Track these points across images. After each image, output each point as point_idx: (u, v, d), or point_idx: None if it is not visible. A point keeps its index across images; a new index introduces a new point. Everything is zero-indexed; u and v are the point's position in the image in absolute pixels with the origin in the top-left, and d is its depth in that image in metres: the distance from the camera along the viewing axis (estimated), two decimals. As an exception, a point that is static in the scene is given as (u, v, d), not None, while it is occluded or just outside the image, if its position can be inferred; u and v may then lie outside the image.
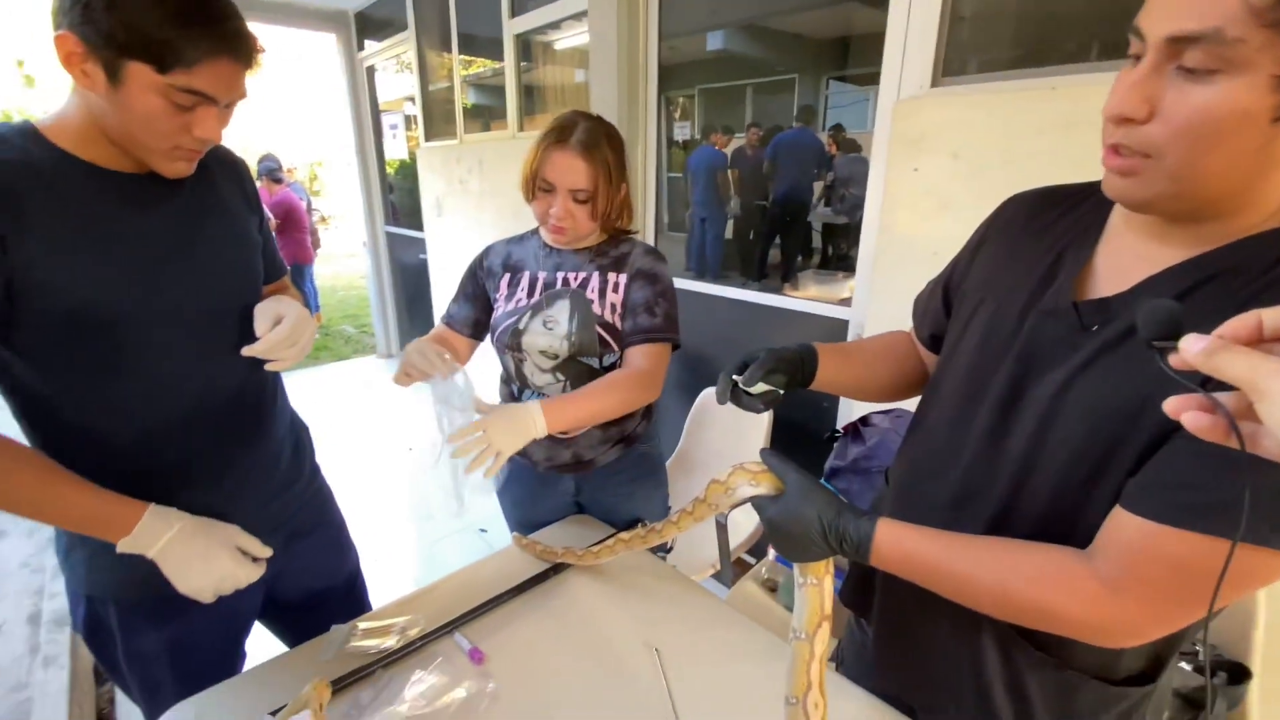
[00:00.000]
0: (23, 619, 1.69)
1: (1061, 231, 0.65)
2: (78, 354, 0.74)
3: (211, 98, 0.71)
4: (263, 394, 0.94)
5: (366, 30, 4.17)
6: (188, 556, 0.76)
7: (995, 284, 0.69)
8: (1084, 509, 0.57)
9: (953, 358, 0.72)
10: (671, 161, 2.62)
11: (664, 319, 1.10)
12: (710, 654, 0.89)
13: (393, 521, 2.65)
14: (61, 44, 0.66)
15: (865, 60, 1.83)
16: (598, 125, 1.07)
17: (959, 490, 0.67)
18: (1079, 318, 0.58)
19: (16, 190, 0.67)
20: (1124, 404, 0.53)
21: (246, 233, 0.91)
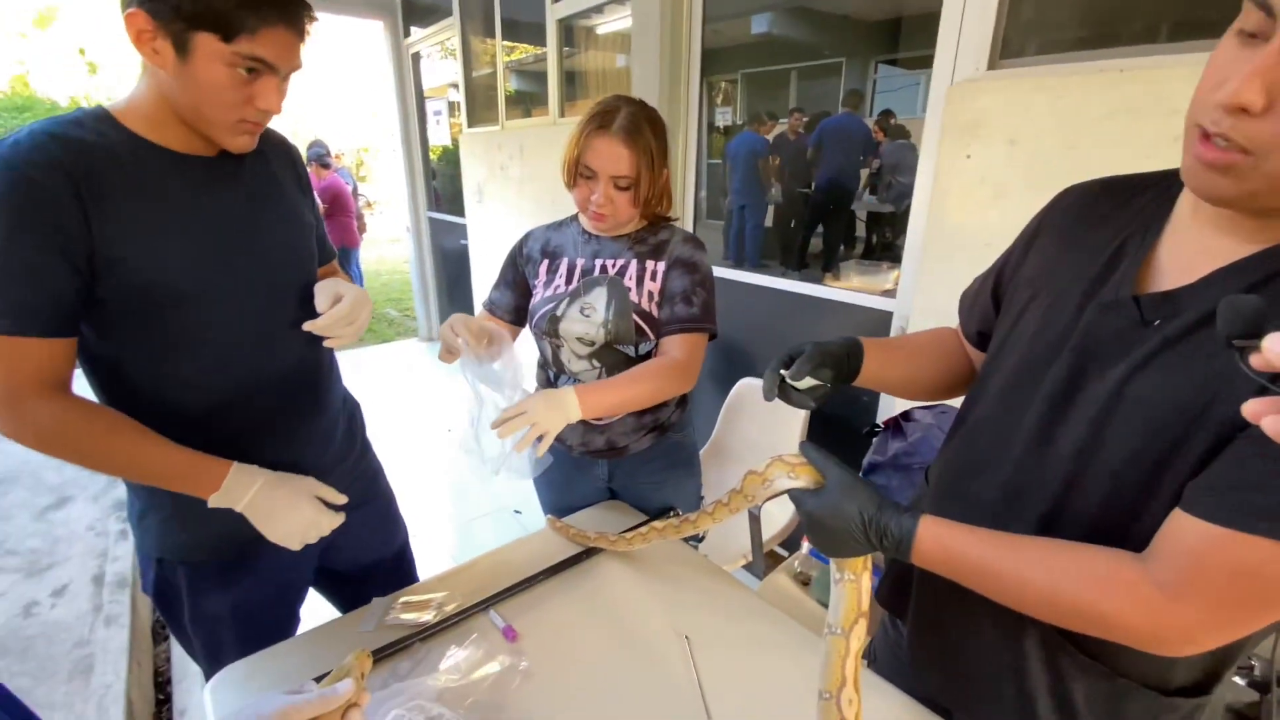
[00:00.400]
0: (88, 579, 1.80)
1: (1123, 222, 0.62)
2: (149, 329, 0.78)
3: (272, 66, 0.74)
4: (319, 371, 0.97)
5: (412, 17, 4.22)
6: (274, 507, 0.81)
7: (1051, 277, 0.66)
8: (1140, 512, 0.54)
9: (1002, 353, 0.69)
10: (712, 148, 2.58)
11: (701, 308, 1.09)
12: (740, 644, 0.89)
13: (431, 500, 2.72)
14: (132, 22, 0.69)
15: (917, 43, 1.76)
16: (640, 110, 1.06)
17: (1006, 489, 0.65)
18: (1140, 311, 0.55)
19: (96, 171, 0.71)
20: (1186, 403, 0.50)
21: (300, 215, 0.94)
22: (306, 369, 0.94)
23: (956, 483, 0.73)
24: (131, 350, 0.79)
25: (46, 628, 1.60)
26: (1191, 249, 0.55)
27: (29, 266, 0.69)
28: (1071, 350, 0.60)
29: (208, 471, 0.79)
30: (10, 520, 2.09)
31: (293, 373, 0.92)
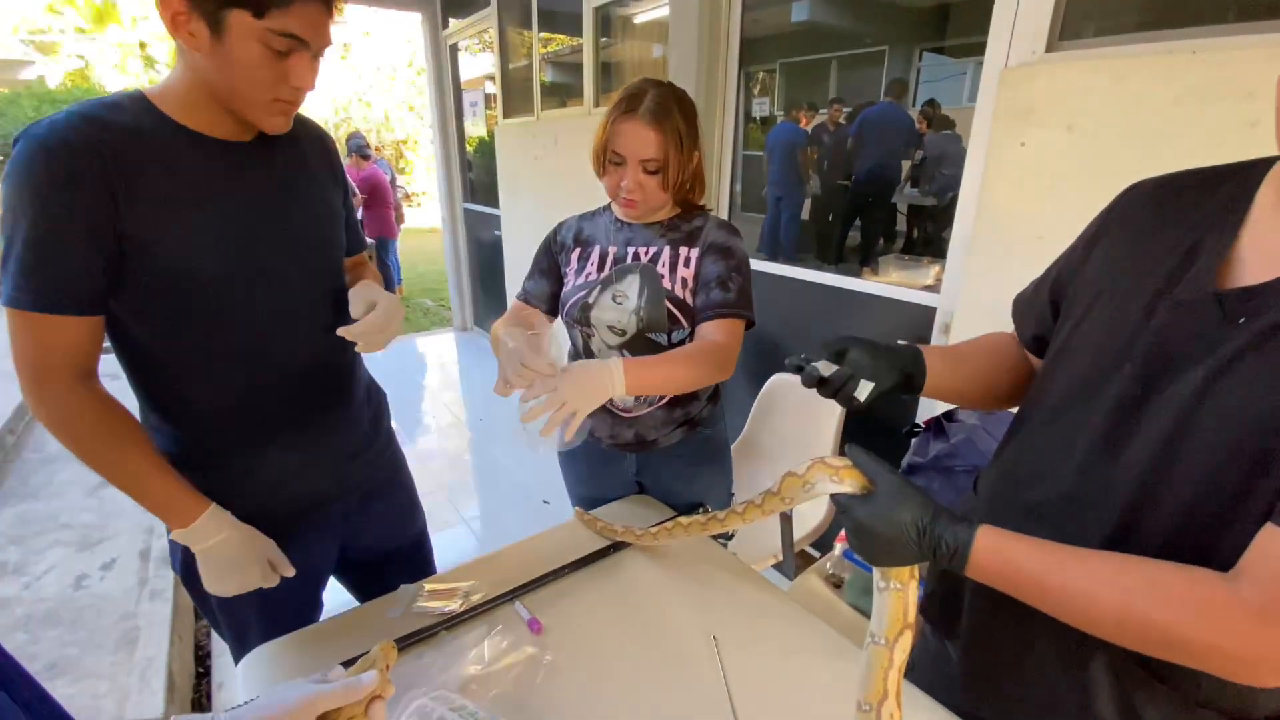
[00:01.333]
0: (135, 554, 1.87)
1: (1197, 219, 0.58)
2: (177, 312, 0.79)
3: (304, 41, 0.74)
4: (343, 358, 0.97)
5: (451, 8, 4.26)
6: (224, 562, 0.83)
7: (1117, 277, 0.62)
8: (1223, 530, 0.50)
9: (1063, 357, 0.65)
10: (749, 139, 2.53)
11: (738, 294, 1.06)
12: (770, 646, 0.86)
13: (460, 488, 2.76)
14: (167, 5, 0.69)
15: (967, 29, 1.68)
16: (668, 92, 1.03)
17: (1069, 501, 0.61)
18: (1222, 309, 0.52)
19: (129, 154, 0.72)
20: (1276, 408, 0.46)
21: (331, 203, 0.95)
22: (333, 356, 0.95)
23: (1013, 494, 0.68)
24: (160, 333, 0.80)
25: (95, 600, 1.67)
26: (1278, 241, 0.52)
27: (58, 245, 0.70)
28: (1144, 352, 0.56)
29: (182, 507, 0.80)
30: (64, 495, 2.19)
31: (319, 359, 0.92)
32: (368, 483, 1.05)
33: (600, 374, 0.90)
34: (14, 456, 2.42)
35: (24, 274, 0.70)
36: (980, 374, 0.79)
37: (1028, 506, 0.65)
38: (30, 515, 2.05)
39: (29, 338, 0.73)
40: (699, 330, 1.06)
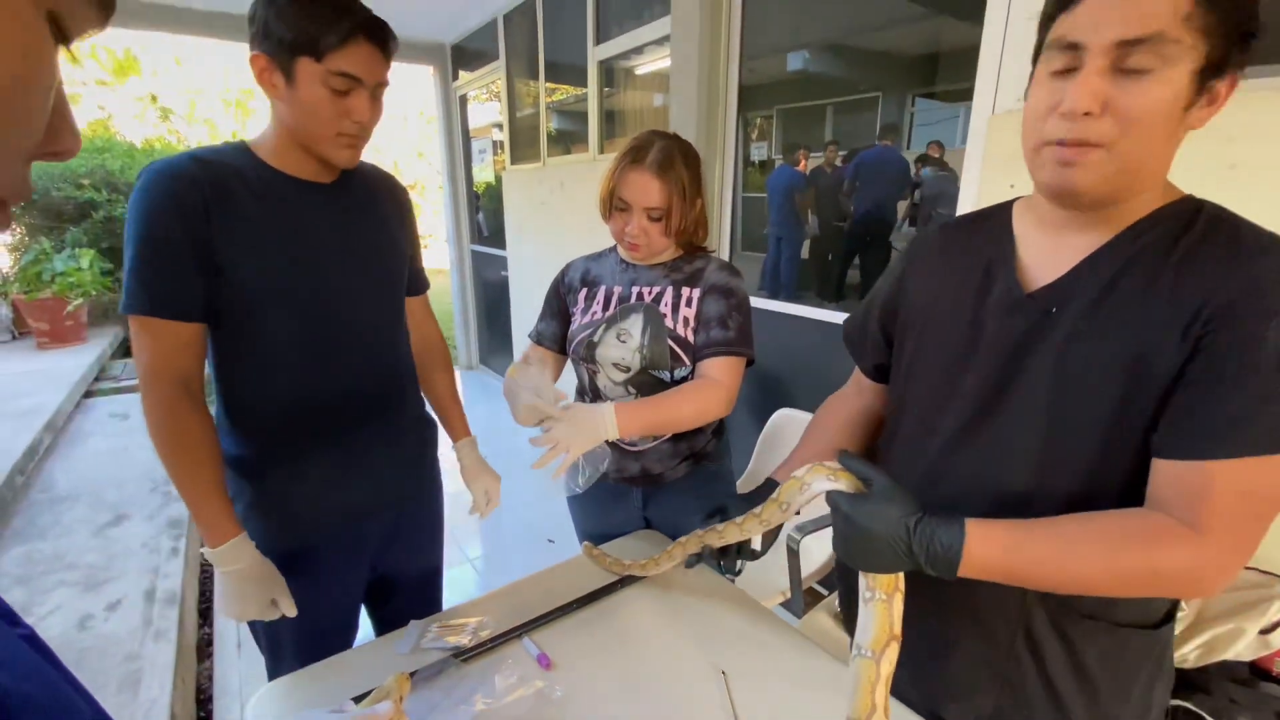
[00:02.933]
0: (140, 595, 1.87)
1: (978, 248, 0.74)
2: (249, 321, 0.90)
3: (358, 78, 0.87)
4: (393, 381, 1.07)
5: (461, 62, 4.44)
6: (237, 590, 0.91)
7: (934, 302, 0.76)
8: (1106, 472, 0.62)
9: (914, 373, 0.78)
10: (748, 181, 2.61)
11: (737, 332, 1.10)
12: (779, 680, 0.86)
13: (464, 526, 2.74)
14: (255, 63, 0.85)
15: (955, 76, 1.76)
16: (673, 144, 1.09)
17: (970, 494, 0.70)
18: (1037, 305, 0.66)
19: (227, 187, 0.87)
20: (1120, 361, 0.59)
21: (397, 242, 1.06)
22: (382, 377, 1.04)
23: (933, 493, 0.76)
24: (232, 343, 0.91)
25: (99, 640, 1.65)
26: (1049, 249, 0.67)
27: (167, 259, 0.83)
28: (990, 355, 0.69)
29: (220, 529, 0.89)
30: (71, 535, 2.19)
31: (369, 378, 1.02)
32: (404, 502, 1.12)
33: (592, 417, 0.97)
34: (22, 496, 2.43)
35: (139, 282, 0.83)
36: (833, 447, 0.89)
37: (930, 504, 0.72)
38: (37, 555, 2.05)
39: (141, 340, 0.85)
40: (699, 368, 1.09)
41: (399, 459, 1.09)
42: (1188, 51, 0.52)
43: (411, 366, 1.13)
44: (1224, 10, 0.52)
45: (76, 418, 3.26)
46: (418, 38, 4.34)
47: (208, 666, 1.84)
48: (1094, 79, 0.55)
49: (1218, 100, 0.55)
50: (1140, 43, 0.52)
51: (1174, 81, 0.53)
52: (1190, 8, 0.51)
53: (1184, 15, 0.51)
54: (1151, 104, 0.54)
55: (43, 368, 3.72)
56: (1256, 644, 0.98)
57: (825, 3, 2.15)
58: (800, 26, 2.26)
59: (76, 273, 4.20)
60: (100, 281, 4.38)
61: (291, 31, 0.82)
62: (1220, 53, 0.53)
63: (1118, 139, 0.55)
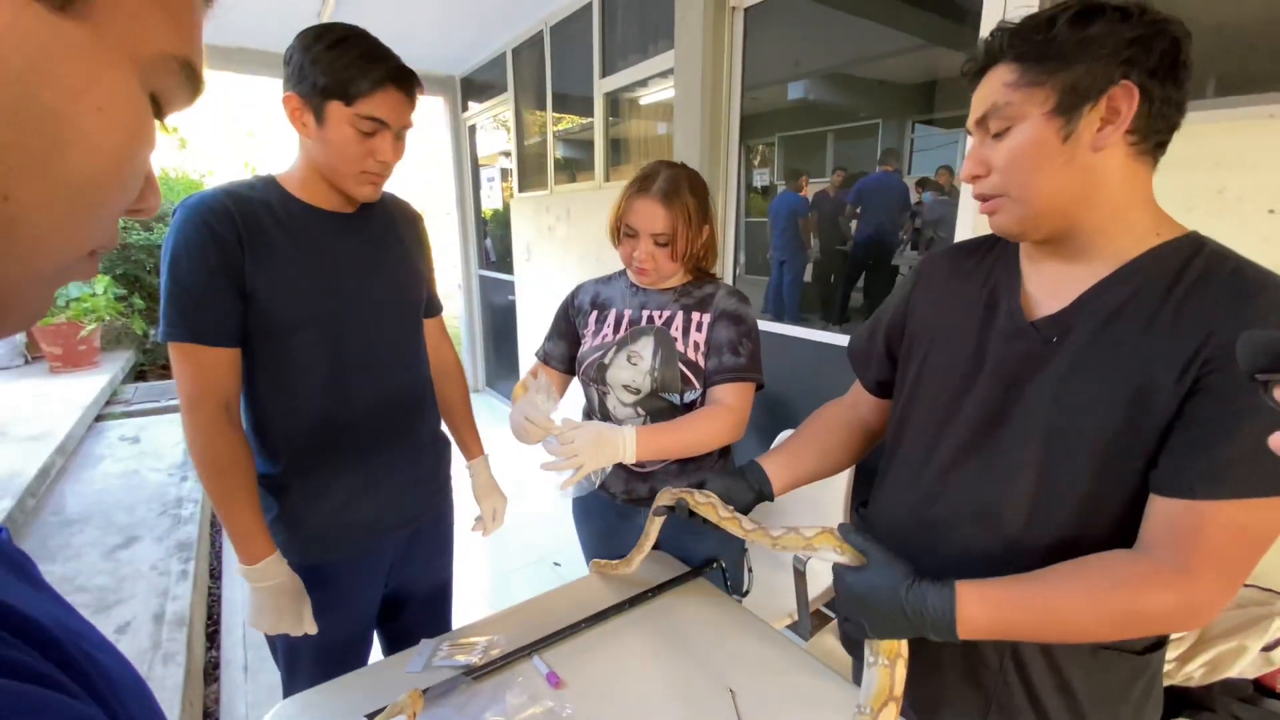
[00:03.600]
0: (149, 617, 1.87)
1: (984, 273, 0.78)
2: (276, 346, 0.94)
3: (384, 122, 0.92)
4: (411, 401, 1.11)
5: (470, 93, 4.56)
6: (271, 604, 0.95)
7: (940, 324, 0.80)
8: (1099, 504, 0.64)
9: (916, 393, 0.81)
10: (750, 207, 2.66)
11: (748, 358, 1.13)
12: (787, 700, 0.86)
13: (470, 548, 2.74)
14: (288, 103, 0.91)
15: (952, 104, 1.81)
16: (680, 173, 1.13)
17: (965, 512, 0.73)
18: (1039, 333, 0.68)
19: (259, 220, 0.92)
20: (1117, 394, 0.61)
21: (416, 268, 1.12)
22: (401, 397, 1.08)
23: (908, 516, 0.79)
24: (260, 366, 0.95)
25: (108, 664, 1.65)
26: (1051, 280, 0.70)
27: (203, 287, 0.88)
28: (990, 378, 0.71)
29: (257, 546, 0.93)
30: (81, 558, 2.20)
31: (389, 399, 1.05)
32: (419, 519, 1.15)
33: (614, 438, 1.01)
34: (34, 518, 2.44)
35: (178, 311, 0.88)
36: (826, 454, 0.96)
37: (925, 523, 0.76)
38: (47, 578, 2.05)
39: (184, 367, 0.89)
40: (711, 393, 1.12)
41: (417, 477, 1.13)
42: (1024, 105, 0.62)
43: (430, 387, 1.17)
44: (1044, 63, 0.61)
45: (88, 441, 3.30)
46: (430, 71, 4.47)
47: (214, 690, 1.84)
48: (974, 149, 0.68)
49: (1119, 114, 0.60)
50: (986, 116, 0.65)
51: (1026, 130, 0.62)
52: (1013, 76, 0.62)
53: (1010, 83, 0.63)
54: (1011, 153, 0.64)
55: (55, 391, 3.77)
56: (1260, 661, 0.98)
57: (824, 34, 2.22)
58: (800, 57, 2.33)
59: (91, 298, 4.27)
60: (114, 307, 4.45)
61: (325, 77, 0.87)
62: (1072, 85, 0.60)
63: (1006, 186, 0.65)
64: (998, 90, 0.64)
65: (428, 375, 1.17)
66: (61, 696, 0.21)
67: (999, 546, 0.70)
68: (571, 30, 3.13)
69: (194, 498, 2.66)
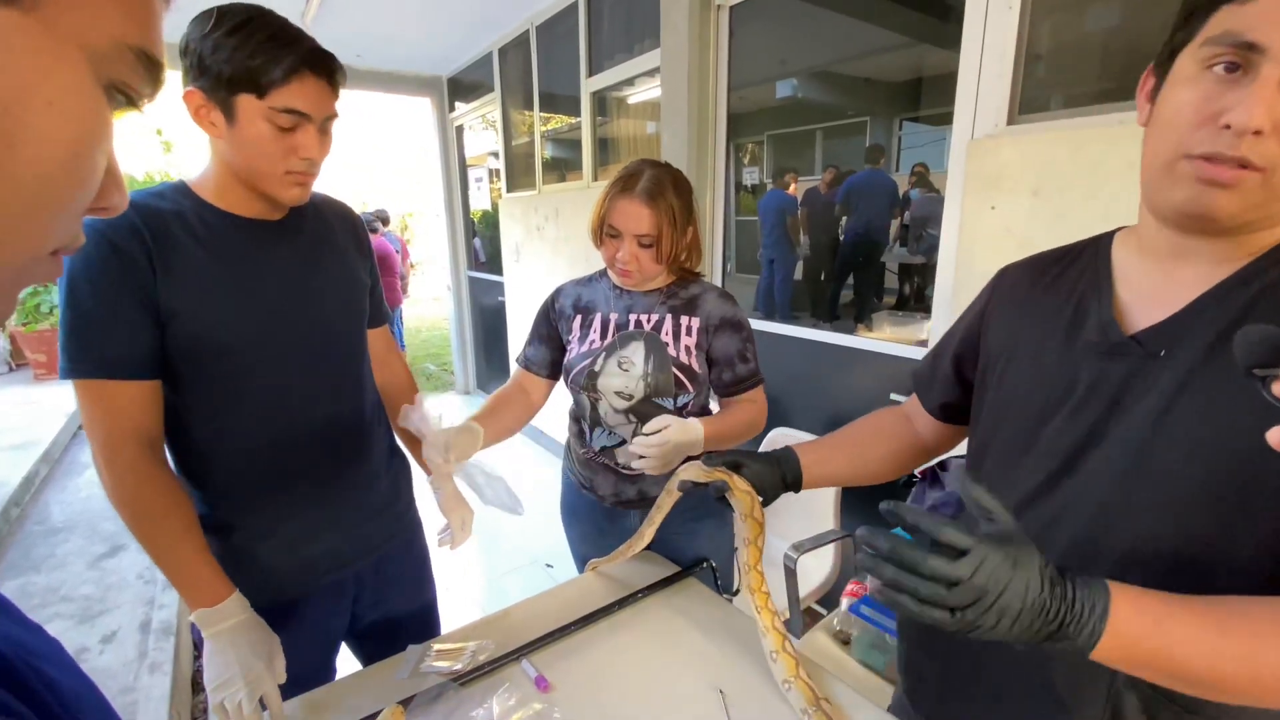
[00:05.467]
0: (135, 626, 1.85)
1: (1070, 283, 0.67)
2: (204, 373, 0.85)
3: (305, 114, 0.81)
4: (361, 422, 1.02)
5: (457, 93, 4.54)
6: (228, 649, 0.80)
7: (1019, 341, 0.69)
8: (1225, 550, 0.52)
9: (993, 421, 0.71)
10: (739, 206, 2.66)
11: (755, 361, 1.19)
12: (777, 698, 0.86)
13: (461, 552, 2.73)
14: (190, 100, 0.79)
15: (938, 100, 1.82)
16: (663, 173, 1.12)
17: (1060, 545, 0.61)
18: (1142, 348, 0.57)
19: (170, 233, 0.81)
20: (1243, 420, 0.49)
21: (356, 275, 1.02)
22: (351, 419, 1.00)
23: None
24: (187, 392, 0.86)
25: (95, 674, 1.63)
26: (1157, 284, 0.58)
27: (108, 316, 0.77)
28: (1081, 402, 0.60)
29: (213, 588, 0.81)
30: (66, 568, 2.17)
31: (337, 422, 0.97)
32: (384, 545, 1.07)
33: (689, 429, 1.04)
34: (18, 529, 2.41)
35: (80, 344, 0.77)
36: (864, 456, 0.87)
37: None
38: (32, 588, 2.03)
39: (95, 407, 0.79)
40: (742, 398, 1.19)
41: (373, 503, 1.04)
42: None
43: (378, 403, 1.08)
44: None
45: (73, 449, 3.25)
46: (416, 71, 4.45)
47: (202, 700, 1.82)
48: (1273, 92, 0.46)
49: None
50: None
51: None
52: None
53: None
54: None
55: (40, 399, 3.71)
56: None
57: (810, 32, 2.22)
58: (786, 56, 2.33)
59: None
60: (99, 313, 4.40)
61: (230, 66, 0.75)
62: None
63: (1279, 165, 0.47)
64: None
65: (375, 392, 1.07)
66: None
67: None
68: (558, 30, 3.12)
69: (181, 504, 2.63)
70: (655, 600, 1.08)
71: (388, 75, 4.35)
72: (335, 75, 0.84)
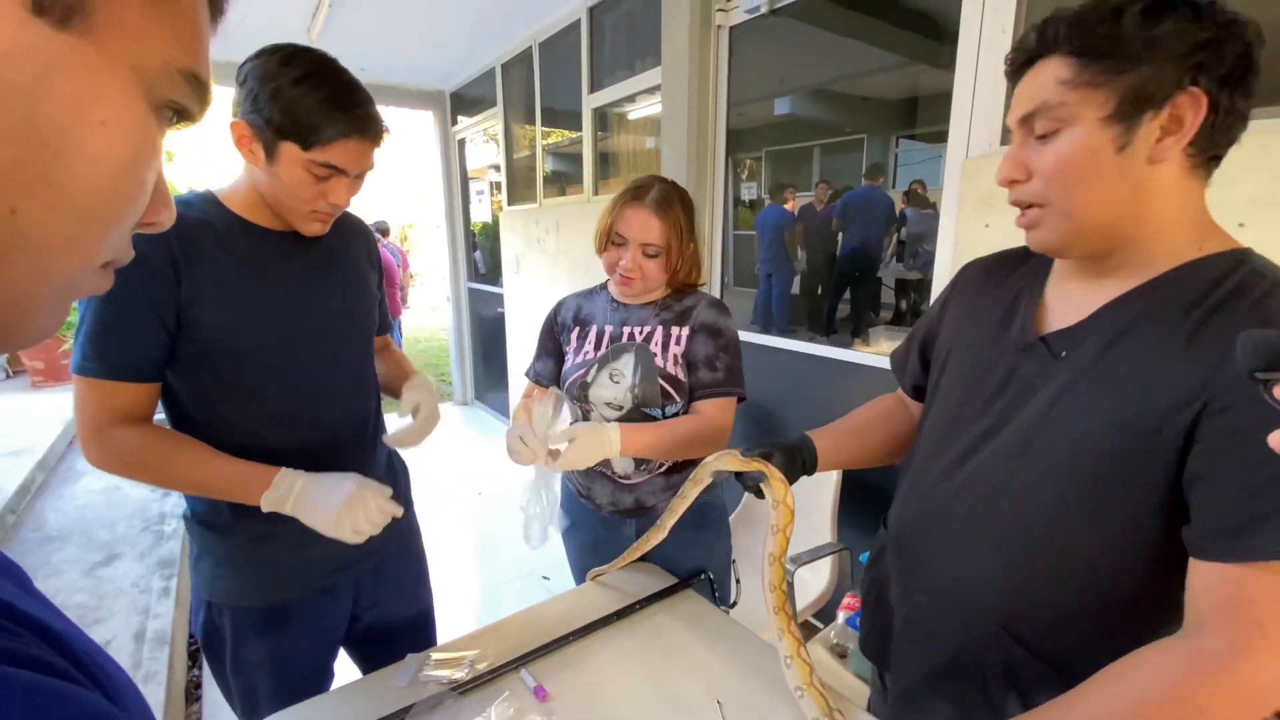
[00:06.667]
0: (130, 636, 1.83)
1: (1014, 283, 0.75)
2: (219, 376, 0.88)
3: (342, 170, 0.85)
4: (365, 427, 1.05)
5: (459, 108, 4.59)
6: (319, 495, 0.85)
7: (963, 332, 0.79)
8: (1093, 525, 0.61)
9: (934, 403, 0.80)
10: (738, 220, 2.69)
11: (726, 372, 1.14)
12: (775, 710, 0.87)
13: (459, 563, 2.72)
14: (235, 129, 0.83)
15: (934, 119, 1.85)
16: (672, 188, 1.15)
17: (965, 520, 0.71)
18: (1049, 349, 0.66)
19: (196, 240, 0.84)
20: (1116, 419, 0.58)
21: (367, 286, 1.06)
22: (354, 424, 1.02)
23: (912, 524, 0.80)
24: (198, 395, 0.89)
25: (88, 684, 1.62)
26: (1073, 293, 0.67)
27: (125, 321, 0.80)
28: (995, 391, 0.70)
29: (258, 476, 0.85)
30: (61, 575, 2.16)
31: (345, 426, 1.00)
32: (384, 549, 1.08)
33: (598, 437, 1.03)
34: (13, 535, 2.39)
35: (93, 346, 0.80)
36: (870, 440, 0.94)
37: (926, 531, 0.76)
38: (25, 597, 2.02)
39: (94, 401, 0.82)
40: (693, 407, 1.15)
41: None
42: (1079, 107, 0.56)
43: (380, 409, 1.10)
44: (1106, 61, 0.55)
45: (69, 456, 3.24)
46: (420, 85, 4.50)
47: (196, 710, 1.81)
48: (1013, 150, 0.63)
49: (1182, 124, 0.54)
50: (1033, 115, 0.60)
51: (1078, 135, 0.57)
52: (1068, 73, 0.57)
53: (1065, 80, 0.57)
54: (1059, 159, 0.58)
55: (37, 406, 3.71)
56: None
57: (808, 51, 2.26)
58: (785, 74, 2.37)
59: (72, 311, 4.23)
60: (98, 321, 4.40)
61: (282, 116, 0.79)
62: (1134, 88, 0.54)
63: (1050, 194, 0.60)
64: (1049, 87, 0.57)
65: (379, 397, 1.11)
66: (94, 694, 0.21)
67: (995, 567, 0.68)
68: (560, 47, 3.17)
69: (176, 513, 2.62)
70: (653, 611, 1.09)
71: (392, 89, 4.40)
72: (379, 136, 0.88)
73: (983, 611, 0.69)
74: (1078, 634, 0.65)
